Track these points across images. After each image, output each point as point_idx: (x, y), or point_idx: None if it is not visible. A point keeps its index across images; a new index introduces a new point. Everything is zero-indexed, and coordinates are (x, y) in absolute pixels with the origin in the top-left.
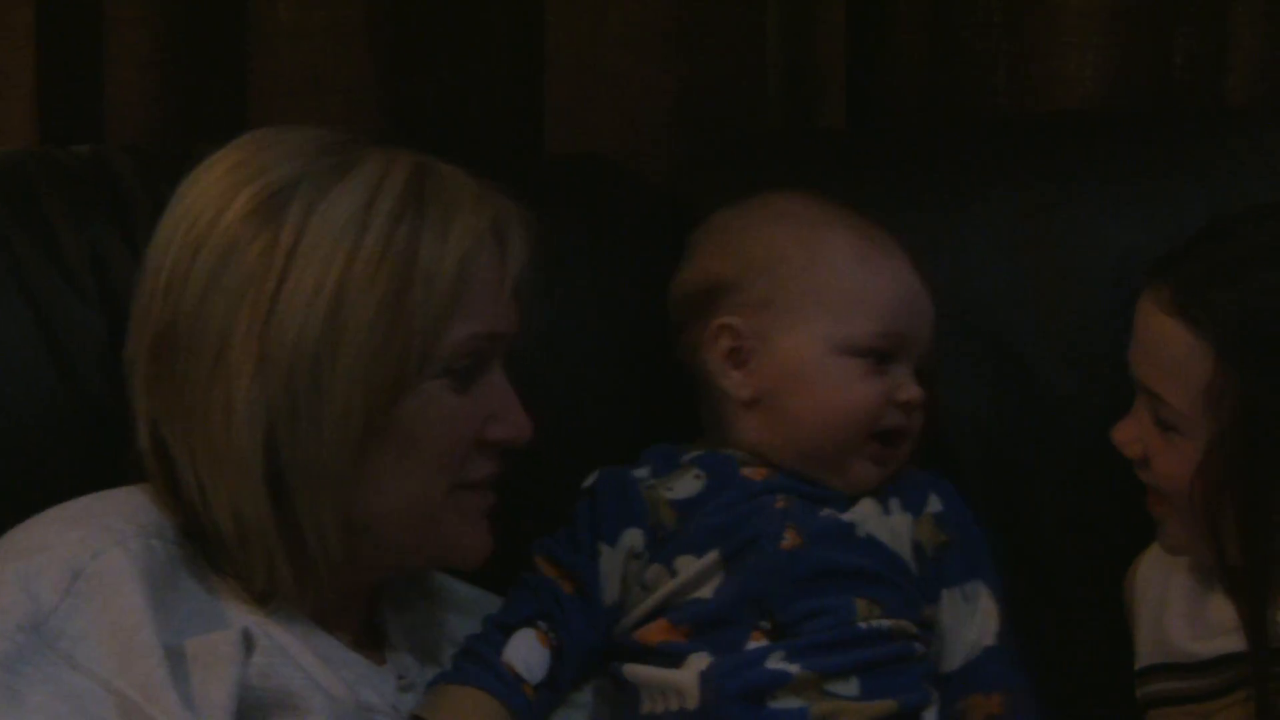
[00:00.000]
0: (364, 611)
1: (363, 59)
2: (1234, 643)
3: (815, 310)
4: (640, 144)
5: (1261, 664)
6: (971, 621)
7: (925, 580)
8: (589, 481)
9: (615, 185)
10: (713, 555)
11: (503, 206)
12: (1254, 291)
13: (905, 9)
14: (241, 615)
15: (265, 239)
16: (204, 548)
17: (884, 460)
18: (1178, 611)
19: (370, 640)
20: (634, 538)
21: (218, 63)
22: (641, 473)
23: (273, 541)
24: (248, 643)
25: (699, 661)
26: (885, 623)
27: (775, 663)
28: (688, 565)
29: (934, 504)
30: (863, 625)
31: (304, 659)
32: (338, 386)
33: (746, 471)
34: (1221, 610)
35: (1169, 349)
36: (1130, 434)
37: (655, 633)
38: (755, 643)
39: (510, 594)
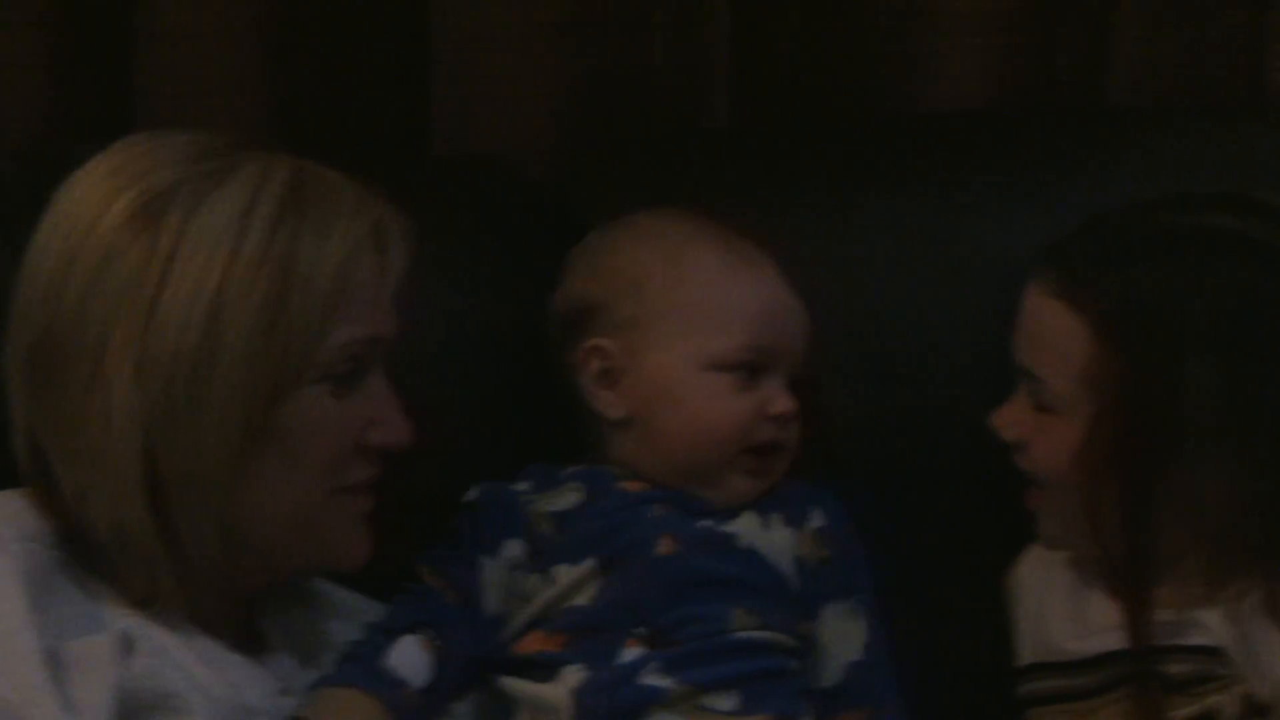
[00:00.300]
0: (244, 615)
1: (248, 59)
2: (1113, 641)
3: (681, 328)
4: (527, 144)
5: (1142, 660)
6: (849, 638)
7: (805, 595)
8: (470, 495)
9: (500, 187)
10: (589, 563)
11: (382, 210)
12: (1136, 276)
13: (791, 10)
14: (121, 618)
15: (143, 245)
16: (83, 553)
17: (759, 473)
18: (1058, 610)
19: (250, 643)
20: (514, 548)
21: (103, 65)
22: (522, 486)
23: (152, 547)
24: (127, 644)
25: (572, 676)
26: (763, 634)
27: (649, 677)
28: (565, 573)
29: (816, 519)
30: (740, 635)
31: (185, 660)
32: (216, 393)
33: (624, 484)
34: (1101, 608)
35: (1051, 331)
36: (1009, 418)
37: (532, 643)
38: (631, 650)
39: (394, 601)
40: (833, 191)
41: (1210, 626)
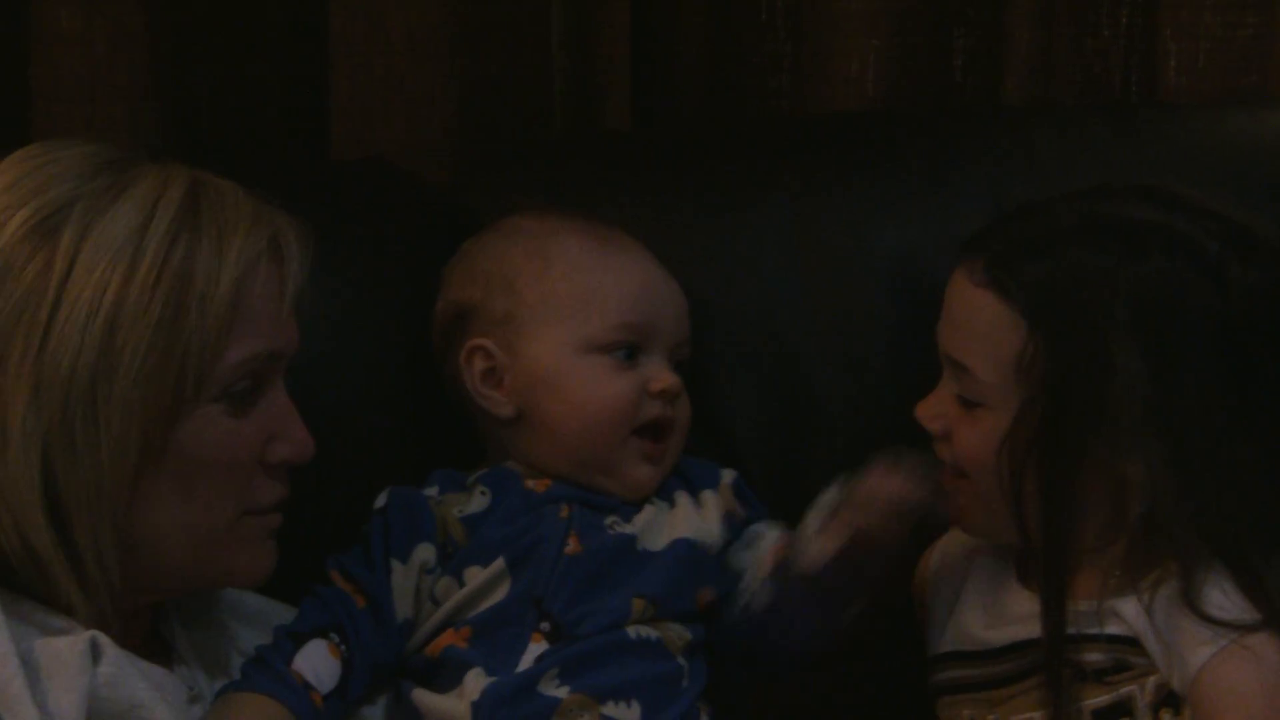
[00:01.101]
0: (149, 623)
1: (144, 65)
2: (1026, 631)
3: (553, 316)
4: (425, 148)
5: (1055, 648)
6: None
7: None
8: (380, 501)
9: (398, 190)
10: (498, 563)
11: (280, 223)
12: (1062, 263)
13: (688, 12)
14: (75, 623)
15: (39, 263)
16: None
17: (655, 457)
18: (973, 600)
19: (157, 651)
20: (425, 552)
21: None
22: (430, 491)
23: (58, 565)
24: (95, 651)
25: (473, 684)
26: (655, 633)
27: (548, 686)
28: (475, 575)
29: (727, 476)
30: (633, 634)
31: (147, 670)
32: (113, 413)
33: (529, 484)
34: (1017, 598)
35: (980, 320)
36: (933, 409)
37: (440, 642)
38: (534, 646)
39: (302, 605)
40: (731, 191)
41: (1126, 616)
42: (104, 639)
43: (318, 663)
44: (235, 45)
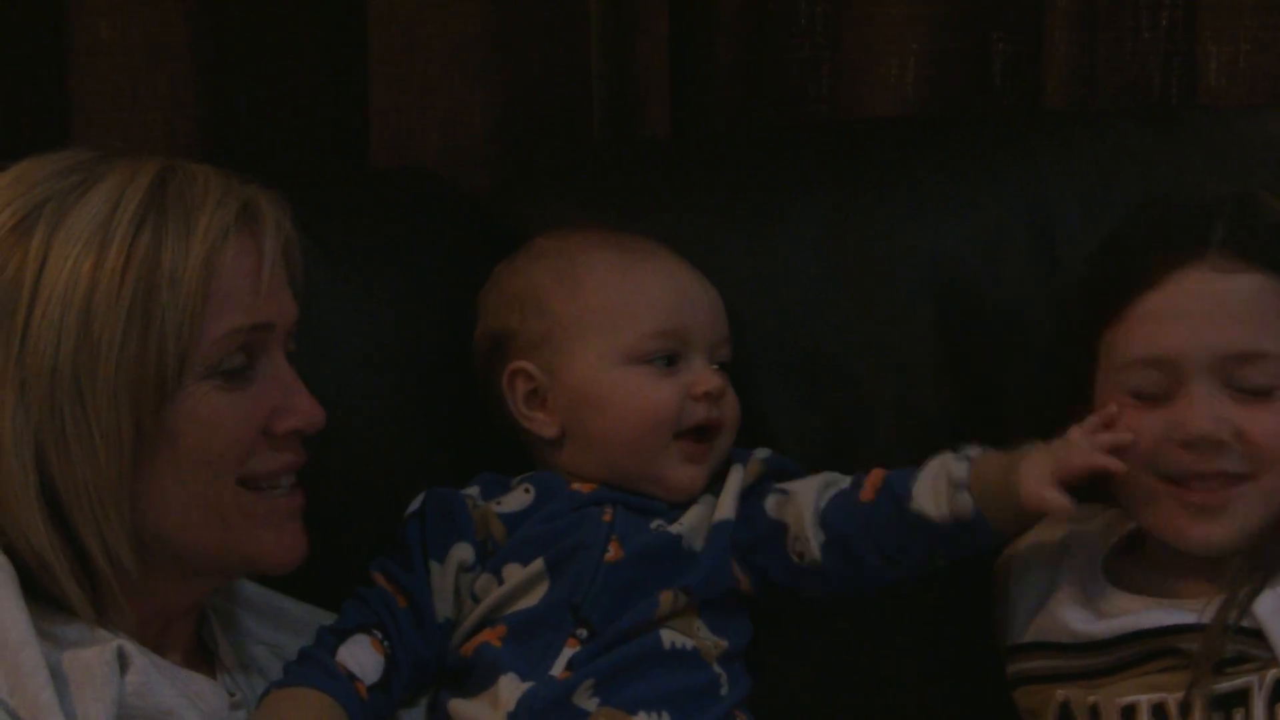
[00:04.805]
0: (192, 631)
1: (184, 74)
2: (1132, 624)
3: (590, 333)
4: (464, 156)
5: (1217, 641)
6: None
7: (750, 519)
8: (415, 505)
9: (437, 198)
10: (538, 563)
11: (250, 195)
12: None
13: (726, 18)
14: (109, 635)
15: (14, 264)
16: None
17: (700, 458)
18: (1067, 596)
19: (200, 659)
20: (463, 551)
21: (39, 79)
22: (470, 491)
23: (60, 565)
24: (122, 660)
25: (509, 693)
26: (689, 642)
27: (582, 699)
28: (514, 573)
29: (761, 452)
30: (666, 643)
31: (175, 676)
32: (100, 402)
33: (575, 485)
34: (1113, 596)
35: (1261, 302)
36: (1214, 416)
37: (476, 641)
38: (568, 650)
39: (345, 605)
40: (770, 197)
41: (1255, 609)
42: (131, 647)
43: (361, 655)
44: (274, 55)
